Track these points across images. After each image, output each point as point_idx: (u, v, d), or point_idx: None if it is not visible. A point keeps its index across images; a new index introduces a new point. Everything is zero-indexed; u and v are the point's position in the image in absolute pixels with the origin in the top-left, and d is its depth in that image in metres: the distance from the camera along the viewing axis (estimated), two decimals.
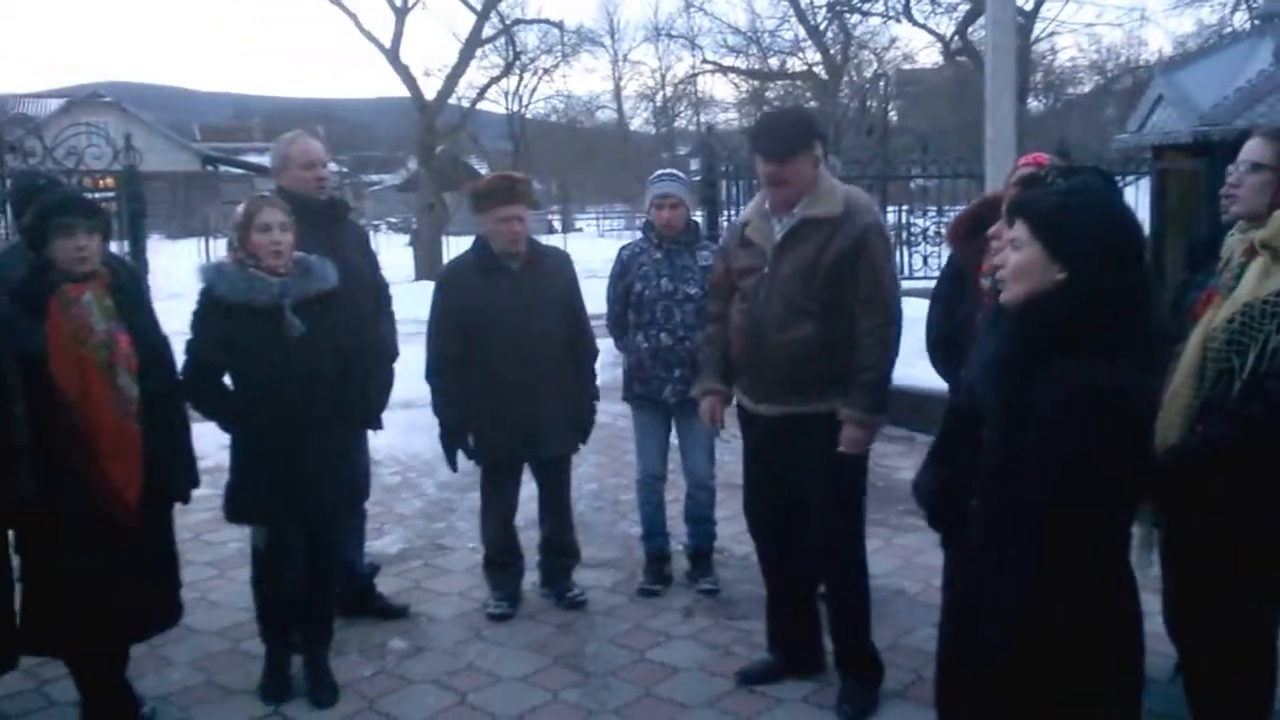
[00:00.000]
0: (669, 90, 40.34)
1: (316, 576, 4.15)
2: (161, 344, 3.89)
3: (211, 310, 3.92)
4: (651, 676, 4.24)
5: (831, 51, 19.62)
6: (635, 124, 45.86)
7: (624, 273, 5.03)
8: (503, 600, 4.86)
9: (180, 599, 4.00)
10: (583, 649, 4.49)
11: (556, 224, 44.48)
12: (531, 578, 5.11)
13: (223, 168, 42.17)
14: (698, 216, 6.78)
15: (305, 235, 4.07)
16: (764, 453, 4.04)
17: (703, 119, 41.66)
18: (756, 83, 28.50)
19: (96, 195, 7.04)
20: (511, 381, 4.64)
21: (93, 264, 3.67)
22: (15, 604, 3.64)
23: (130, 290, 3.89)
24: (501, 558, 4.95)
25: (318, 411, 3.95)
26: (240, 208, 4.01)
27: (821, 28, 19.95)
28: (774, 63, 25.36)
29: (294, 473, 3.92)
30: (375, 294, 4.76)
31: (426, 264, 18.35)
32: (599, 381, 5.11)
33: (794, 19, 21.19)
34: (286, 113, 77.02)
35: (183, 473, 3.89)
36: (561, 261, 4.95)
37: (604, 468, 7.07)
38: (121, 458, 3.65)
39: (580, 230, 38.01)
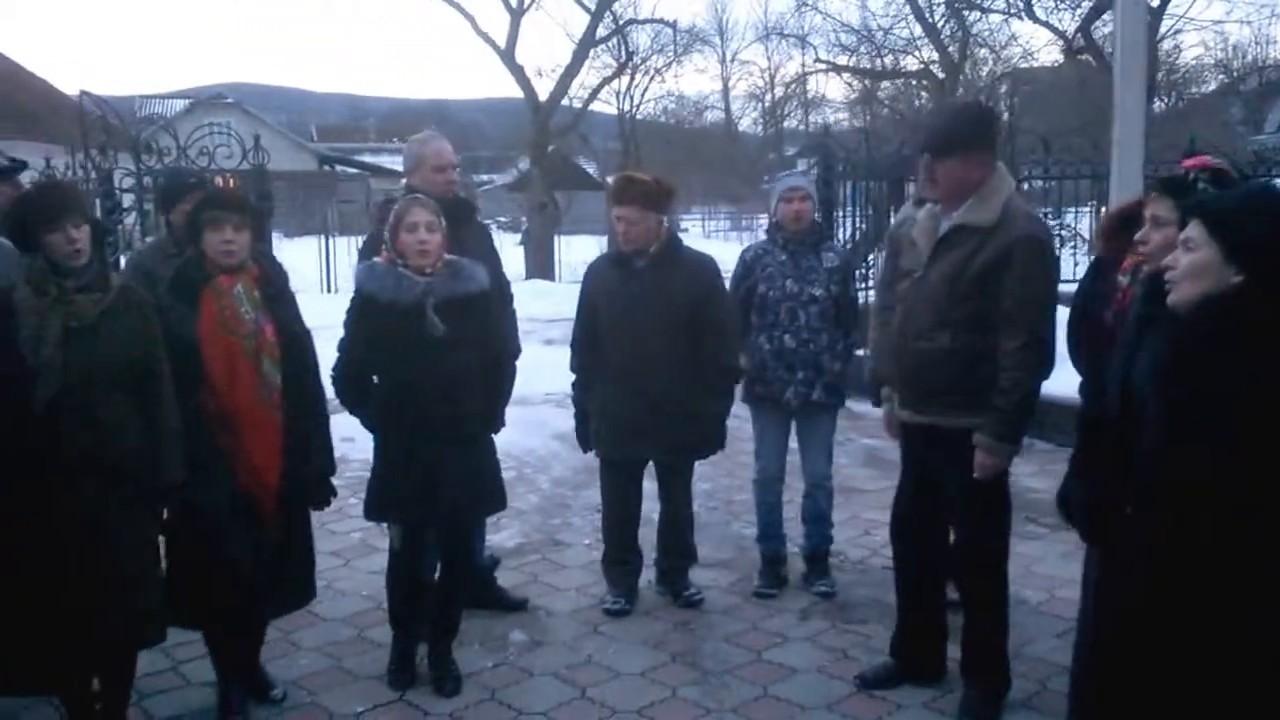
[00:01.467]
0: (779, 90, 40.09)
1: (449, 574, 4.24)
2: (304, 335, 4.00)
3: (361, 308, 4.01)
4: (769, 676, 4.24)
5: (949, 50, 19.26)
6: (743, 125, 45.73)
7: (747, 274, 5.01)
8: (620, 597, 4.90)
9: (314, 581, 4.12)
10: (700, 647, 4.51)
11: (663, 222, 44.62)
12: (647, 575, 5.14)
13: (339, 167, 43.17)
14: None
15: None
16: (908, 456, 4.02)
17: (812, 119, 41.40)
18: (868, 82, 28.17)
19: None
20: (631, 377, 4.68)
21: (240, 256, 3.81)
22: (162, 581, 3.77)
23: (276, 283, 4.01)
24: (620, 555, 4.99)
25: (457, 412, 4.00)
26: (393, 207, 4.09)
27: (939, 25, 19.62)
28: (887, 61, 25.02)
29: (432, 473, 3.99)
30: (500, 292, 4.83)
31: (537, 263, 18.57)
32: None
33: (910, 17, 21.02)
34: (400, 113, 78.63)
35: (320, 461, 4.00)
36: (700, 265, 4.83)
37: (717, 467, 7.04)
38: (263, 443, 3.79)
39: (685, 231, 37.99)
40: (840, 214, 9.86)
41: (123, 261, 6.25)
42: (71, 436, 3.36)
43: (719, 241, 32.40)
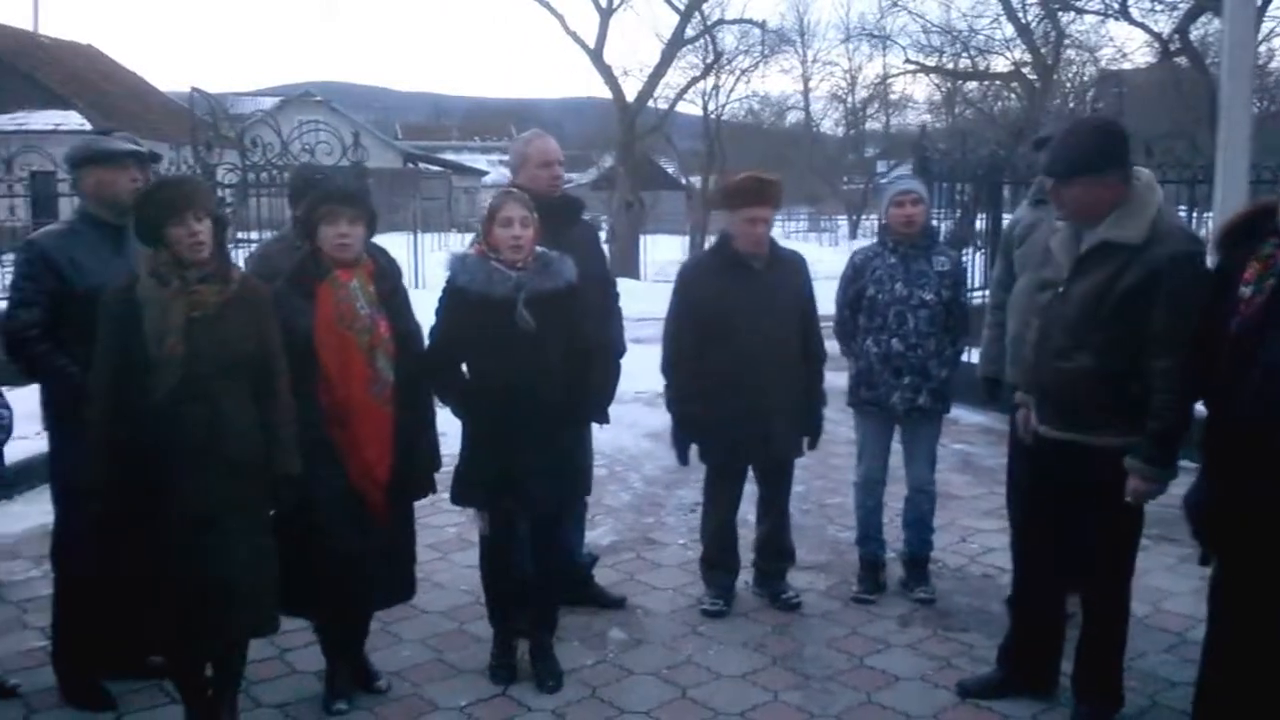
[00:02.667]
0: (863, 91, 39.68)
1: (541, 565, 4.26)
2: (415, 331, 4.06)
3: (453, 300, 4.05)
4: (872, 683, 4.19)
5: (1042, 51, 18.89)
6: (824, 126, 45.35)
7: (856, 276, 4.95)
8: (719, 598, 4.88)
9: (415, 575, 4.17)
10: (800, 651, 4.47)
11: None
12: (744, 577, 5.11)
13: (422, 165, 43.70)
14: None
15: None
16: (1040, 468, 3.85)
17: (893, 120, 40.94)
18: (951, 83, 27.79)
19: None
20: (746, 382, 4.64)
21: (355, 251, 3.86)
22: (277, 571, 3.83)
23: (390, 278, 4.07)
24: (720, 557, 4.97)
25: (545, 405, 4.02)
26: (487, 202, 4.14)
27: (1032, 26, 19.26)
28: (970, 62, 24.64)
29: (518, 463, 4.02)
30: (604, 291, 4.84)
31: (622, 262, 18.61)
32: None
33: (1001, 17, 20.67)
34: (482, 112, 79.46)
35: (427, 457, 4.05)
36: (798, 264, 4.88)
37: (810, 470, 7.00)
38: (374, 438, 3.84)
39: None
40: (937, 219, 9.73)
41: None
42: (192, 426, 3.43)
43: (798, 242, 32.18)
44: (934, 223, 6.03)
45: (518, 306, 3.92)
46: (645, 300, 11.05)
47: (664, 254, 25.48)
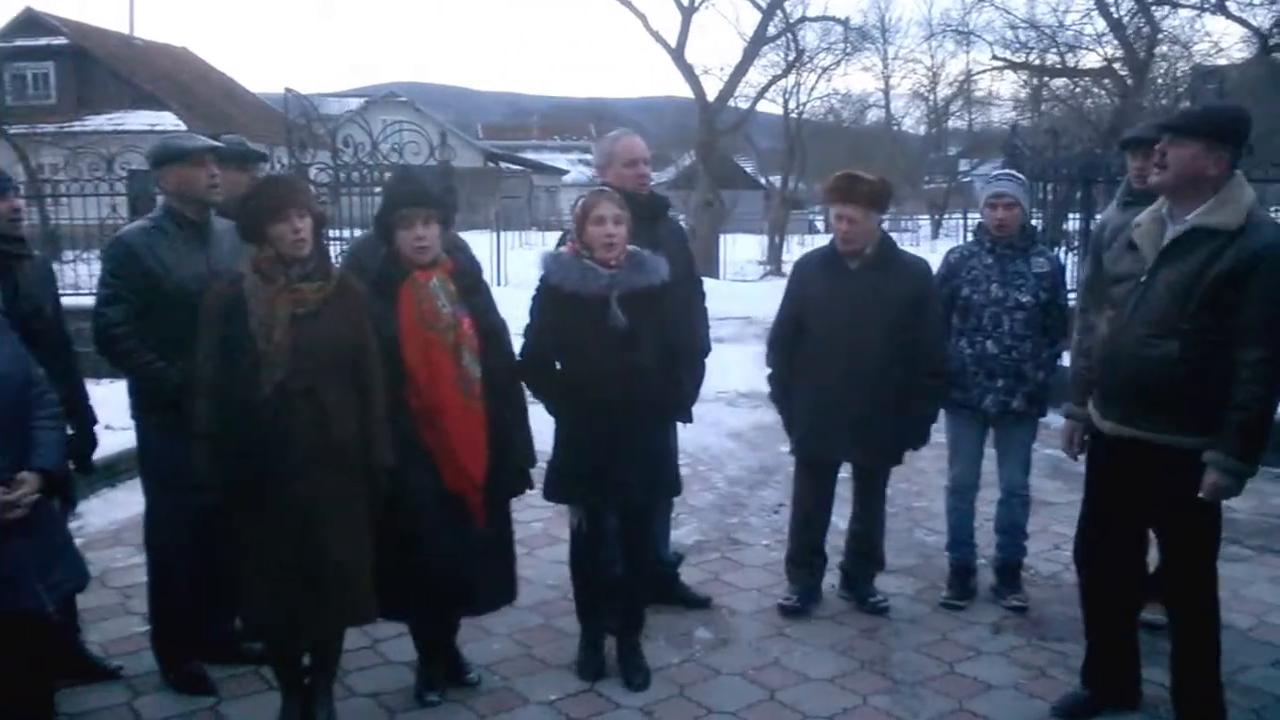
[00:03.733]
0: (947, 88, 39.10)
1: (630, 563, 4.28)
2: (499, 326, 4.08)
3: (546, 297, 4.07)
4: (964, 690, 4.14)
5: (1135, 46, 18.42)
6: (906, 124, 44.82)
7: (950, 276, 4.88)
8: (798, 595, 4.87)
9: (516, 576, 4.20)
10: (889, 656, 4.43)
11: (819, 224, 44.01)
12: (830, 579, 5.08)
13: (502, 164, 44.08)
14: None
15: None
16: (1107, 473, 3.79)
17: (976, 117, 40.28)
18: (1037, 80, 27.25)
19: None
20: (833, 379, 4.62)
21: (434, 252, 3.90)
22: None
23: (471, 275, 4.10)
24: (805, 555, 4.94)
25: (637, 403, 4.03)
26: (580, 200, 4.15)
27: (1124, 20, 18.81)
28: (1057, 58, 24.12)
29: (611, 460, 4.03)
30: (690, 289, 4.83)
31: (703, 260, 18.54)
32: None
33: (1093, 12, 20.20)
34: (561, 111, 79.88)
35: (521, 453, 4.07)
36: (915, 270, 4.76)
37: (896, 473, 6.83)
38: (466, 437, 3.86)
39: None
40: (1030, 217, 9.55)
41: None
42: (297, 419, 3.50)
43: None
44: (1033, 223, 5.93)
45: (611, 304, 3.93)
46: (724, 300, 11.04)
47: (743, 254, 25.44)
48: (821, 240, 5.34)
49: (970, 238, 5.10)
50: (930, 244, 33.50)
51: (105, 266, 4.07)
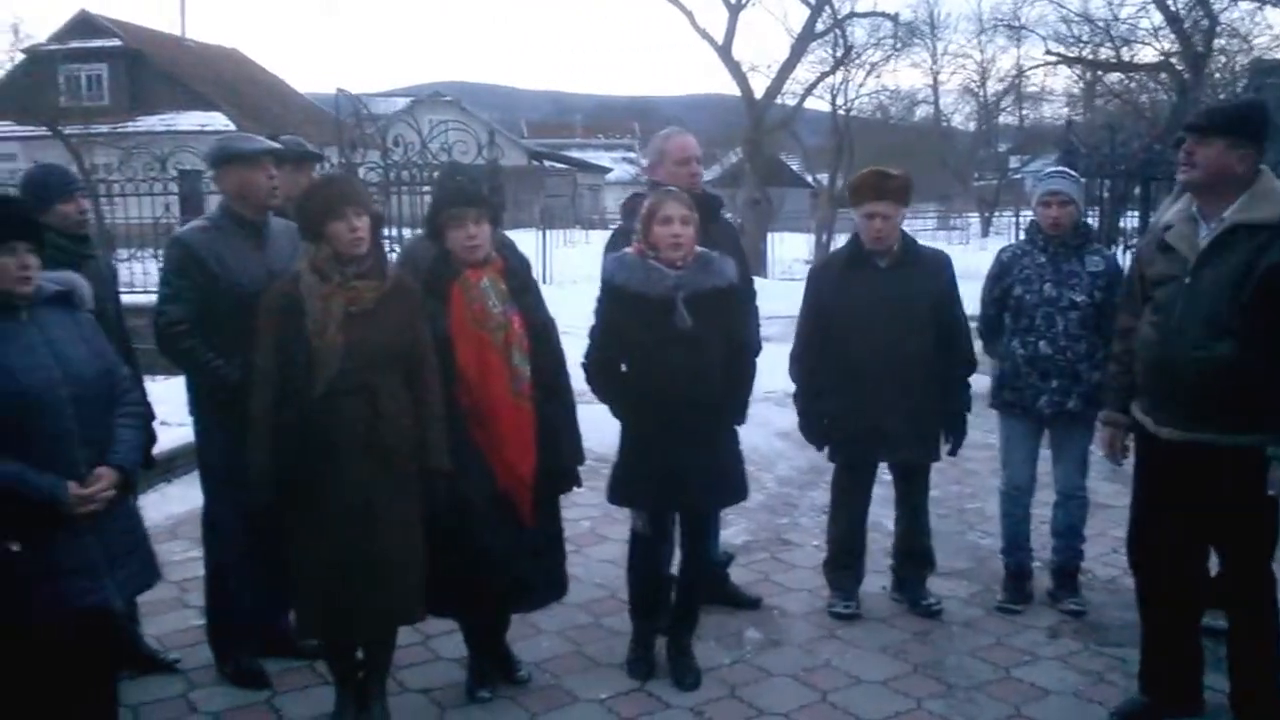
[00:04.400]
0: (998, 84, 38.73)
1: (689, 564, 4.26)
2: (549, 325, 4.08)
3: (611, 299, 4.05)
4: (1021, 696, 4.08)
5: (1193, 40, 18.08)
6: (955, 120, 44.42)
7: (1002, 274, 4.83)
8: (848, 601, 4.82)
9: (566, 573, 4.19)
10: (943, 660, 4.38)
11: None
12: (881, 581, 5.04)
13: (548, 162, 44.19)
14: None
15: None
16: (1163, 479, 3.72)
17: (1026, 113, 39.86)
18: (1090, 75, 26.90)
19: None
20: (859, 380, 4.59)
21: (484, 251, 3.90)
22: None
23: (520, 273, 4.10)
24: (844, 559, 4.90)
25: (702, 405, 4.00)
26: (646, 201, 4.12)
27: (1181, 14, 18.47)
28: (1111, 52, 23.76)
29: (677, 465, 4.01)
30: (743, 292, 4.80)
31: (751, 259, 18.43)
32: None
33: (1149, 6, 19.88)
34: (605, 109, 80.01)
35: (571, 450, 4.07)
36: (938, 264, 4.77)
37: (946, 474, 6.86)
38: (517, 435, 3.87)
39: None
40: (1086, 215, 9.42)
41: None
42: (351, 417, 3.52)
43: (926, 240, 31.63)
44: (1088, 220, 5.83)
45: (677, 305, 3.91)
46: (772, 299, 10.94)
47: (790, 252, 25.30)
48: None
49: (1023, 236, 5.03)
50: (980, 242, 33.19)
51: (165, 266, 4.13)
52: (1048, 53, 24.71)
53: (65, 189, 4.16)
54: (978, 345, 4.93)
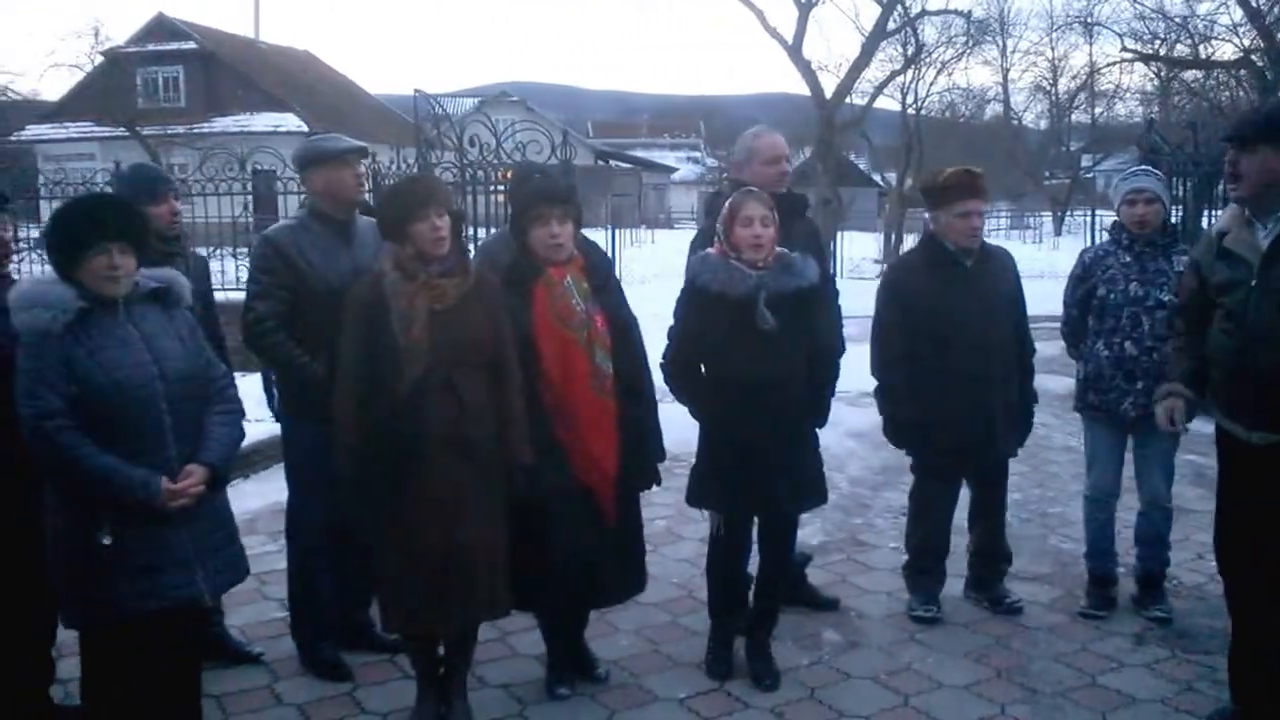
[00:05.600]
0: (1070, 82, 38.07)
1: (769, 565, 4.25)
2: (631, 323, 4.08)
3: (693, 299, 4.05)
4: (1107, 703, 4.01)
5: (1275, 35, 17.62)
6: (1026, 118, 43.78)
7: (1086, 275, 4.76)
8: (931, 604, 4.77)
9: (646, 568, 4.20)
10: (1027, 665, 4.32)
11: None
12: (957, 584, 4.98)
13: (613, 162, 44.29)
14: None
15: None
16: (1251, 483, 3.63)
17: (1098, 111, 39.14)
18: (1170, 72, 26.36)
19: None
20: (968, 382, 4.53)
21: (568, 249, 3.91)
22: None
23: (602, 271, 4.11)
24: (928, 562, 4.86)
25: (783, 407, 3.99)
26: (727, 201, 4.11)
27: (1263, 9, 18.01)
28: (1188, 48, 23.24)
29: (756, 464, 3.99)
30: (826, 289, 4.77)
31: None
32: None
33: (1229, 1, 19.45)
34: (670, 109, 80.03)
35: (653, 448, 4.07)
36: (1007, 260, 4.81)
37: (1027, 477, 6.78)
38: (599, 432, 3.88)
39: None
40: (1170, 215, 9.23)
41: None
42: (437, 413, 3.55)
43: (998, 240, 31.22)
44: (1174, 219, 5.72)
45: (759, 306, 3.90)
46: (845, 298, 10.88)
47: (859, 251, 25.13)
48: None
49: (1104, 235, 4.95)
50: (1053, 241, 32.69)
51: (253, 264, 4.20)
52: (1124, 50, 24.21)
53: (154, 191, 4.24)
54: (1054, 346, 4.87)
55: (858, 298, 5.40)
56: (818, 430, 4.61)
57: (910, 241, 27.82)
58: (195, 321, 3.45)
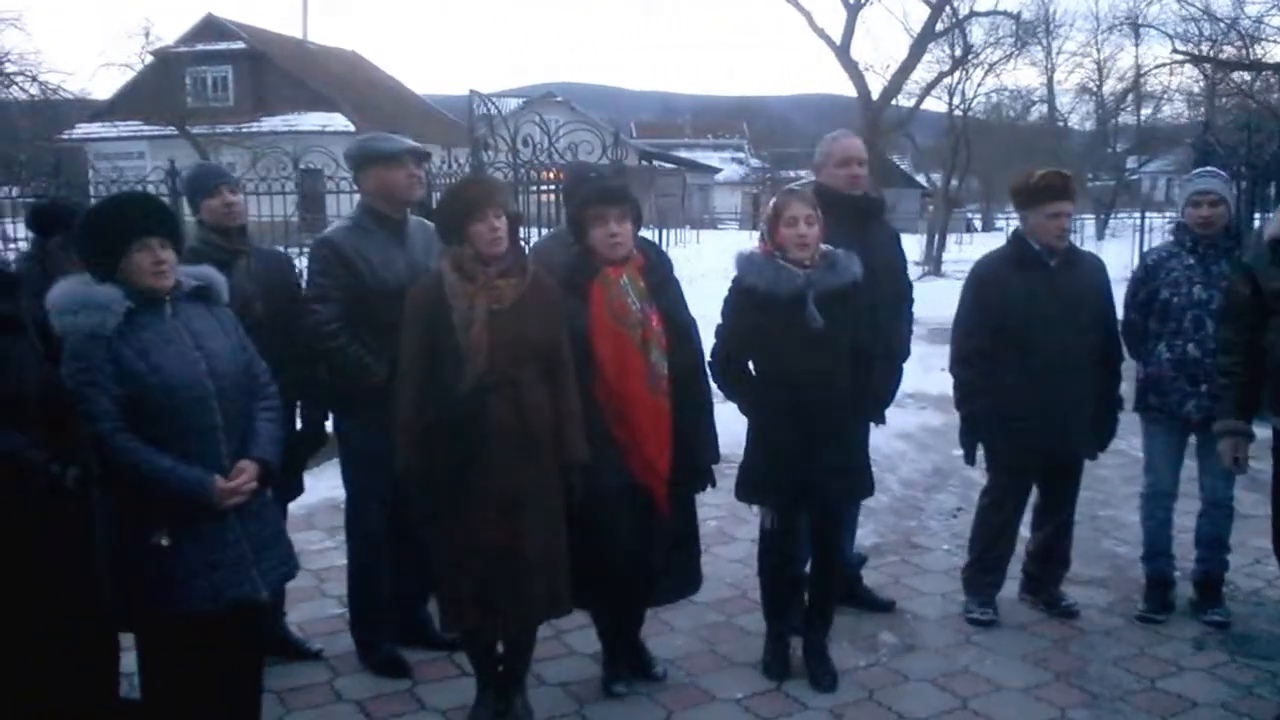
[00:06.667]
0: (1116, 83, 37.63)
1: (821, 563, 4.25)
2: (689, 324, 4.10)
3: (740, 299, 4.07)
4: (1168, 708, 3.98)
5: None
6: (1071, 120, 43.28)
7: (1148, 278, 4.74)
8: (989, 607, 4.76)
9: (701, 568, 4.21)
10: (1084, 668, 4.30)
11: (977, 222, 42.85)
12: (1011, 586, 4.95)
13: (657, 162, 44.28)
14: None
15: (837, 230, 4.14)
16: None
17: (1143, 113, 38.64)
18: (1219, 73, 25.98)
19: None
20: (1044, 381, 4.52)
21: (626, 248, 3.94)
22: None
23: (661, 271, 4.12)
24: (993, 562, 4.84)
25: (831, 403, 4.01)
26: (771, 201, 4.14)
27: None
28: (1234, 50, 22.90)
29: (804, 461, 4.01)
30: (899, 291, 4.78)
31: None
32: None
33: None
34: (712, 109, 79.88)
35: (707, 449, 4.08)
36: (1096, 264, 4.78)
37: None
38: (653, 432, 3.89)
39: (1000, 229, 36.45)
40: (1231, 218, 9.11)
41: None
42: (497, 412, 3.58)
43: None
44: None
45: (807, 305, 3.92)
46: None
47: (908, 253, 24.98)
48: (983, 240, 5.20)
49: (1152, 237, 4.92)
50: (1095, 244, 32.33)
51: (313, 266, 4.19)
52: (1174, 51, 23.91)
53: (206, 184, 4.22)
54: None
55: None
56: (874, 428, 4.64)
57: (952, 243, 27.65)
58: (236, 319, 3.45)
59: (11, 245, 10.09)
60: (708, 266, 16.41)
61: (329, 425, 4.46)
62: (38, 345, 3.07)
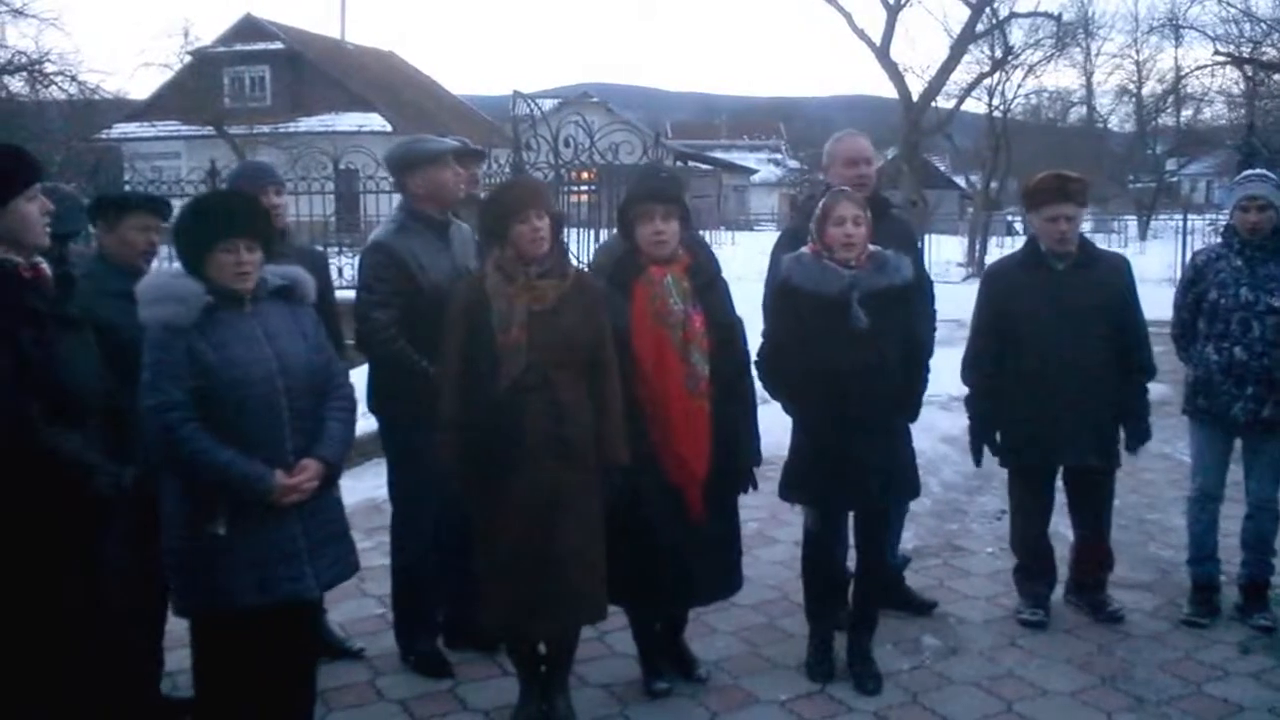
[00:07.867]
0: (1156, 85, 37.21)
1: (865, 563, 4.24)
2: (734, 325, 4.09)
3: (786, 299, 4.07)
4: (1215, 712, 3.95)
5: None
6: (1111, 121, 42.85)
7: (1197, 279, 4.70)
8: (1037, 608, 4.74)
9: (741, 570, 4.21)
10: (1131, 673, 4.26)
11: (1018, 225, 42.34)
12: (1057, 588, 4.92)
13: (693, 163, 44.26)
14: None
15: None
16: None
17: (1183, 114, 38.22)
18: (1264, 74, 25.66)
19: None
20: (1037, 383, 4.51)
21: (671, 246, 3.94)
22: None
23: (707, 271, 4.12)
24: (1035, 565, 4.82)
25: (876, 404, 4.00)
26: (820, 201, 4.14)
27: None
28: (1273, 51, 22.60)
29: (848, 458, 4.00)
30: (918, 291, 4.75)
31: None
32: None
33: None
34: (750, 111, 79.67)
35: (748, 451, 4.08)
36: (1116, 267, 4.73)
37: (1123, 483, 6.54)
38: (690, 432, 3.88)
39: None
40: None
41: None
42: (535, 413, 3.59)
43: None
44: None
45: (852, 305, 3.91)
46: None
47: (943, 254, 24.83)
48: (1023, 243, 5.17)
49: (1194, 239, 4.88)
50: (1137, 245, 32.01)
51: (368, 271, 4.18)
52: (1216, 53, 23.64)
53: (255, 182, 4.21)
54: (1159, 350, 4.79)
55: (947, 302, 5.37)
56: (910, 428, 4.62)
57: (993, 245, 27.41)
58: (319, 319, 3.48)
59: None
60: (744, 268, 16.40)
61: (375, 426, 4.47)
62: (94, 345, 3.12)
